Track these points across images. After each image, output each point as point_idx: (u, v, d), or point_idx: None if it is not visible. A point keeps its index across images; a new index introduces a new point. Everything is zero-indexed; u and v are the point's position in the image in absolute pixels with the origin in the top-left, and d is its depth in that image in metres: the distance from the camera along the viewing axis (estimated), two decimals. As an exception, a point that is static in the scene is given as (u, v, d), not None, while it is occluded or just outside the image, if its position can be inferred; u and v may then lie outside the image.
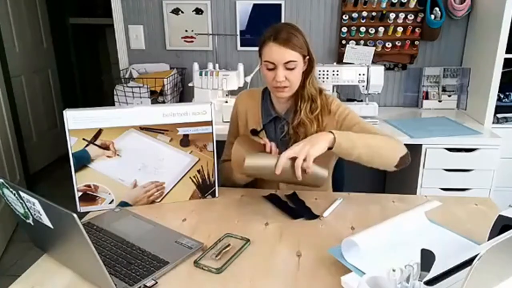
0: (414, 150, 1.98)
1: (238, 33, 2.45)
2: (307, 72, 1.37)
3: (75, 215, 0.78)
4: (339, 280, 0.89)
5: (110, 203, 1.28)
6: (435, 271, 0.78)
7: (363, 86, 2.18)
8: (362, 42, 2.35)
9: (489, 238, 0.95)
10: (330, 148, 1.19)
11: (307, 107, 1.37)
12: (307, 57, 1.35)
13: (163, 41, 2.51)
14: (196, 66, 2.22)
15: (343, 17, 2.33)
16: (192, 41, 2.49)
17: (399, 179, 2.39)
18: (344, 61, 2.28)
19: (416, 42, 2.34)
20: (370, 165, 1.27)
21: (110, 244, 1.05)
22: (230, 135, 1.55)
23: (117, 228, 1.14)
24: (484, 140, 1.92)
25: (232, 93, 2.23)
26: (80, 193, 1.26)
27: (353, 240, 0.94)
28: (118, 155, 1.25)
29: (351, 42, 2.35)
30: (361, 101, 2.34)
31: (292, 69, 1.31)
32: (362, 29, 2.32)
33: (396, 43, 2.34)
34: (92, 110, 1.22)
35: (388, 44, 2.34)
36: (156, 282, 0.91)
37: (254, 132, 1.46)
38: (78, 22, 4.18)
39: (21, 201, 0.93)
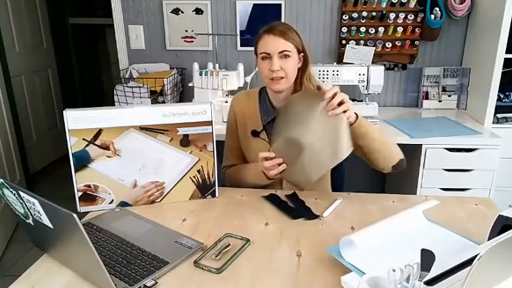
0: (414, 150, 1.99)
1: (238, 33, 2.45)
2: (303, 69, 1.39)
3: (75, 215, 0.78)
4: (339, 280, 0.89)
5: (110, 203, 1.28)
6: (435, 271, 0.78)
7: (363, 86, 2.18)
8: (362, 42, 2.35)
9: (489, 238, 0.95)
10: (351, 124, 1.24)
11: None
12: (302, 54, 1.37)
13: (163, 41, 2.51)
14: (196, 66, 2.22)
15: (343, 17, 2.33)
16: (192, 41, 2.49)
17: (399, 179, 2.39)
18: (344, 61, 2.28)
19: (416, 42, 2.34)
20: (375, 156, 1.30)
21: (110, 244, 1.05)
22: (230, 139, 1.53)
23: (117, 228, 1.14)
24: (484, 140, 1.92)
25: (232, 93, 2.22)
26: (80, 193, 1.26)
27: (350, 239, 0.95)
28: (118, 155, 1.26)
29: (351, 42, 2.35)
30: (361, 101, 2.33)
31: (287, 59, 1.33)
32: (362, 29, 2.32)
33: (396, 43, 2.34)
34: (92, 110, 1.22)
35: (388, 44, 2.34)
36: (156, 282, 0.91)
37: (255, 134, 1.46)
38: (78, 22, 4.18)
39: (21, 201, 0.93)
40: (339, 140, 1.23)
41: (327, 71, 2.16)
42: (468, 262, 0.77)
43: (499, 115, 2.13)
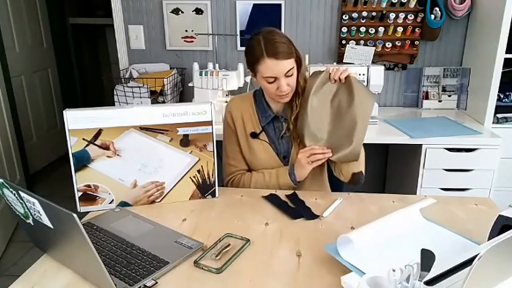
0: (414, 150, 1.99)
1: (238, 33, 2.45)
2: (298, 68, 1.38)
3: (75, 215, 0.78)
4: (339, 280, 0.89)
5: (110, 203, 1.28)
6: (435, 271, 0.78)
7: (363, 86, 2.17)
8: (362, 42, 2.35)
9: (489, 238, 0.95)
10: None
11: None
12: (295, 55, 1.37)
13: (163, 41, 2.51)
14: (196, 66, 2.22)
15: (343, 17, 2.33)
16: (192, 41, 2.49)
17: (399, 179, 2.39)
18: (344, 61, 2.28)
19: (416, 42, 2.33)
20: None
21: (110, 244, 1.05)
22: (232, 143, 1.50)
23: (117, 228, 1.14)
24: (484, 140, 1.92)
25: (232, 93, 2.23)
26: (80, 193, 1.26)
27: (348, 237, 0.95)
28: (118, 155, 1.26)
29: (351, 42, 2.35)
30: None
31: (292, 75, 1.33)
32: (362, 29, 2.32)
33: (396, 43, 2.34)
34: (92, 110, 1.22)
35: (388, 44, 2.34)
36: (156, 282, 0.91)
37: (254, 135, 1.46)
38: (78, 22, 4.18)
39: (21, 201, 0.93)
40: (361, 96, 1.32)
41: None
42: (468, 262, 0.77)
43: (499, 115, 2.13)
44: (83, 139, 1.22)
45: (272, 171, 1.44)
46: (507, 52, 1.97)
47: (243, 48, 2.42)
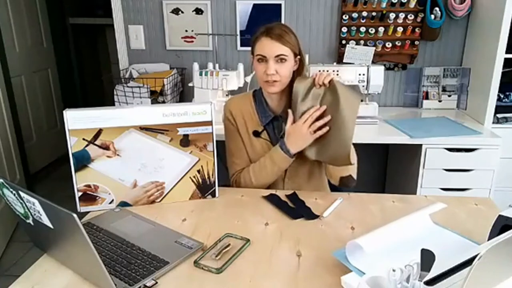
0: (414, 150, 1.99)
1: (238, 33, 2.45)
2: (299, 72, 1.39)
3: (75, 215, 0.78)
4: (339, 280, 0.89)
5: (110, 203, 1.28)
6: (435, 271, 0.78)
7: (363, 86, 2.17)
8: (362, 42, 2.35)
9: (489, 238, 0.95)
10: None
11: None
12: (298, 56, 1.38)
13: (163, 41, 2.51)
14: (196, 66, 2.22)
15: (343, 17, 2.33)
16: (192, 41, 2.49)
17: (399, 179, 2.39)
18: (344, 61, 2.28)
19: (416, 42, 2.34)
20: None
21: (110, 244, 1.05)
22: (236, 141, 1.49)
23: (117, 228, 1.14)
24: (484, 140, 1.92)
25: (232, 93, 2.23)
26: (80, 193, 1.26)
27: (358, 243, 0.93)
28: (118, 155, 1.26)
29: (351, 42, 2.35)
30: (361, 101, 2.33)
31: (283, 63, 1.33)
32: (362, 29, 2.32)
33: (396, 43, 2.34)
34: (92, 110, 1.22)
35: (388, 44, 2.34)
36: (156, 282, 0.91)
37: (257, 134, 1.46)
38: (78, 22, 4.17)
39: (21, 201, 0.93)
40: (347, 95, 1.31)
41: (327, 71, 2.16)
42: (468, 262, 0.77)
43: (499, 115, 2.13)
44: (83, 139, 1.22)
45: (266, 154, 1.43)
46: (507, 52, 1.97)
47: (243, 48, 2.47)
